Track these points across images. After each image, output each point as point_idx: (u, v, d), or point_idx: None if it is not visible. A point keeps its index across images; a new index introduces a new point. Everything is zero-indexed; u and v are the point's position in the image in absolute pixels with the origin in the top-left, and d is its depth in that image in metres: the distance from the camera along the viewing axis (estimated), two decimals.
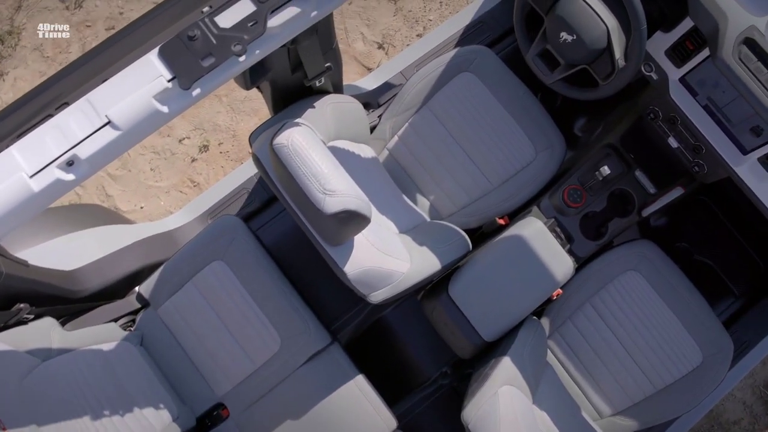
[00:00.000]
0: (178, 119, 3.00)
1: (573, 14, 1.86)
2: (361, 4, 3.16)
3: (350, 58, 3.11)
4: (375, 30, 3.14)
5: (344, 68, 3.11)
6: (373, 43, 3.13)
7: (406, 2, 3.17)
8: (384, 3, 3.17)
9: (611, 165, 2.17)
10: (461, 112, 2.23)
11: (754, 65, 1.74)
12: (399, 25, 3.15)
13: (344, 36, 3.12)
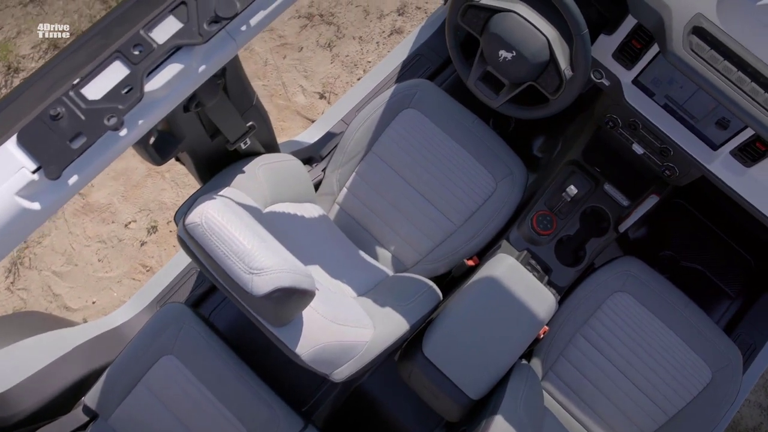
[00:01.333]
0: (120, 202, 2.77)
1: (508, 30, 1.69)
2: (296, 56, 2.99)
3: (292, 113, 2.92)
4: (314, 80, 2.96)
5: (288, 124, 2.93)
6: (314, 94, 2.95)
7: (342, 47, 3.01)
8: (319, 51, 3.00)
9: (577, 183, 1.97)
10: (409, 152, 2.03)
11: (708, 54, 1.58)
12: (338, 72, 2.98)
13: (283, 91, 2.94)
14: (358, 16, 3.06)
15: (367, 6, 3.07)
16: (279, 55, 2.99)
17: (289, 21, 3.03)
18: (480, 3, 1.73)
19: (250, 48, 2.98)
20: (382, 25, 3.05)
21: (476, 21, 1.75)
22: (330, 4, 3.06)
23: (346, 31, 3.03)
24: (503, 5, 1.71)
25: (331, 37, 3.02)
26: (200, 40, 1.04)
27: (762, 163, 1.70)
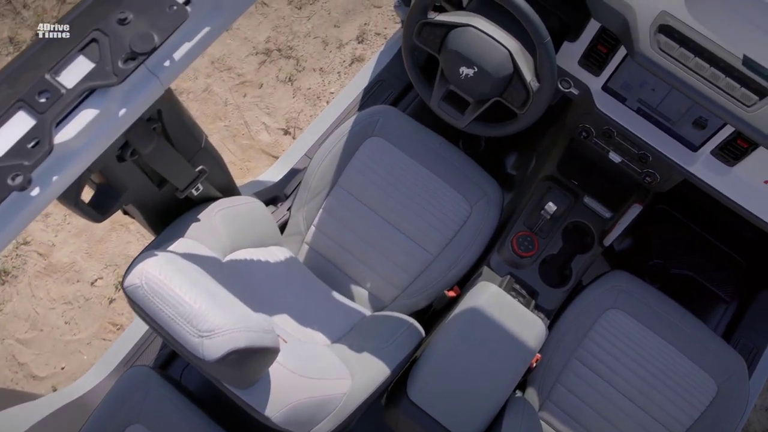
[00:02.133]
0: (85, 260, 2.61)
1: (467, 45, 1.58)
2: (257, 94, 2.87)
3: (257, 151, 2.79)
4: (277, 116, 2.84)
5: (254, 163, 2.80)
6: (278, 131, 2.82)
7: (303, 81, 2.89)
8: (280, 87, 2.88)
9: (556, 199, 1.85)
10: (377, 182, 1.90)
11: (677, 52, 1.47)
12: (301, 106, 2.86)
13: (246, 130, 2.81)
14: (317, 48, 2.95)
15: (326, 37, 2.97)
16: (239, 94, 2.87)
17: (246, 58, 2.92)
18: (435, 20, 1.62)
19: (209, 89, 2.86)
20: (342, 54, 2.94)
21: (433, 39, 1.64)
22: (287, 38, 2.96)
23: (306, 63, 2.92)
24: (459, 20, 1.60)
25: (291, 71, 2.90)
26: (116, 81, 0.91)
27: (745, 161, 1.59)
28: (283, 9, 3.01)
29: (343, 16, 3.01)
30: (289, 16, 3.01)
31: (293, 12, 3.01)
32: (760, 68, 1.45)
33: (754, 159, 1.58)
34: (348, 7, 3.03)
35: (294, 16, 3.01)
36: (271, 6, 3.01)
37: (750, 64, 1.46)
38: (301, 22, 3.00)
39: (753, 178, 1.63)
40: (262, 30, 2.97)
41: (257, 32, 2.96)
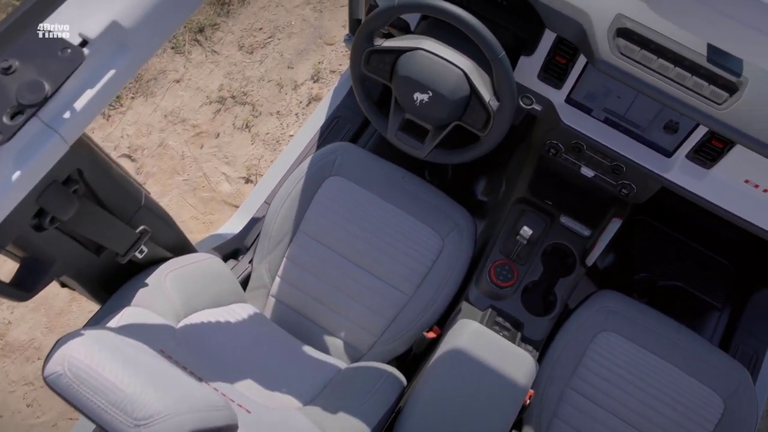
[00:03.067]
0: (45, 335, 2.43)
1: (418, 69, 1.47)
2: (214, 144, 2.73)
3: (219, 203, 2.65)
4: (237, 165, 2.70)
5: (216, 216, 2.65)
6: (239, 180, 2.69)
7: (261, 126, 2.77)
8: (238, 134, 2.75)
9: (531, 222, 1.72)
10: (341, 224, 1.77)
11: (639, 55, 1.37)
12: (261, 152, 2.73)
13: (206, 182, 2.67)
14: (272, 91, 2.84)
15: (280, 79, 2.86)
16: (196, 146, 2.73)
17: (200, 108, 2.79)
18: (382, 46, 1.51)
19: (164, 144, 2.72)
20: (299, 95, 2.83)
21: (382, 67, 1.53)
22: (241, 84, 2.84)
23: (262, 108, 2.80)
24: (408, 44, 1.49)
25: (248, 118, 2.78)
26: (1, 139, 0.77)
27: (722, 162, 1.49)
28: (234, 55, 2.91)
29: (295, 56, 2.91)
30: (240, 61, 2.90)
31: (245, 57, 2.91)
32: (725, 63, 1.35)
33: (731, 158, 1.47)
34: (300, 48, 2.93)
35: (246, 62, 2.90)
36: (221, 53, 2.90)
37: (715, 60, 1.36)
38: (254, 66, 2.89)
39: (733, 179, 1.52)
40: (214, 78, 2.85)
41: (209, 81, 2.85)
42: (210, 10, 2.98)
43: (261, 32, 2.96)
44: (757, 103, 1.34)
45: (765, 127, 1.33)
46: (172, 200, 2.63)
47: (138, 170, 2.67)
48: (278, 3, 3.03)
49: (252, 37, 2.95)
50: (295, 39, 2.95)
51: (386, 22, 1.47)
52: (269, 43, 2.94)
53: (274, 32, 2.96)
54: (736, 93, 1.35)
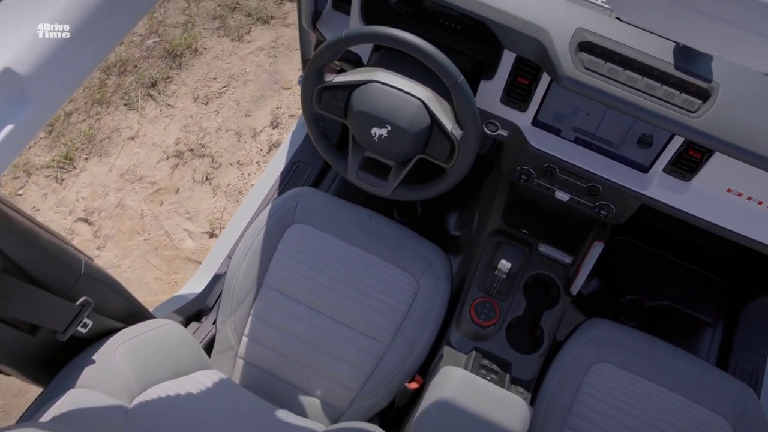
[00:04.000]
0: (3, 419, 2.23)
1: (374, 103, 1.36)
2: (174, 200, 2.59)
3: (183, 261, 2.49)
4: (199, 220, 2.56)
5: (181, 275, 2.49)
6: (202, 236, 2.54)
7: (222, 177, 2.64)
8: (198, 188, 2.62)
9: (508, 255, 1.60)
10: (308, 274, 1.63)
11: (605, 68, 1.28)
12: (223, 205, 2.59)
13: (168, 240, 2.52)
14: (230, 141, 2.72)
15: (238, 128, 2.74)
16: (155, 204, 2.59)
17: (158, 165, 2.66)
18: (333, 82, 1.40)
19: (121, 204, 2.57)
20: (259, 143, 2.71)
21: (335, 104, 1.42)
22: (198, 137, 2.72)
23: (222, 159, 2.68)
24: (361, 77, 1.39)
25: (208, 170, 2.65)
26: None
27: (702, 172, 1.39)
28: (189, 107, 2.79)
29: (252, 104, 2.80)
30: (196, 113, 2.78)
31: (200, 109, 2.79)
32: (694, 69, 1.27)
33: (711, 168, 1.38)
34: (256, 94, 2.82)
35: (202, 113, 2.78)
36: (176, 107, 2.79)
37: (683, 67, 1.28)
38: (210, 117, 2.77)
39: (714, 189, 1.42)
40: (170, 132, 2.73)
41: (165, 136, 2.72)
42: (162, 64, 2.88)
43: (215, 82, 2.86)
44: (731, 107, 1.25)
45: (742, 132, 1.24)
46: (133, 262, 2.48)
47: (95, 233, 2.51)
48: (231, 51, 2.93)
49: (206, 88, 2.84)
50: (251, 86, 2.85)
51: (335, 56, 1.36)
52: (225, 92, 2.84)
53: (229, 81, 2.86)
54: (709, 99, 1.26)
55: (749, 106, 1.25)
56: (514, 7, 1.33)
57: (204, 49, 2.93)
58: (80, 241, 2.49)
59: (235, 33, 2.97)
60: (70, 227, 2.51)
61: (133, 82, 2.82)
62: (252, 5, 3.03)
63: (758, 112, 1.25)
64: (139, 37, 2.94)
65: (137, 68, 2.86)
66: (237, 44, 2.95)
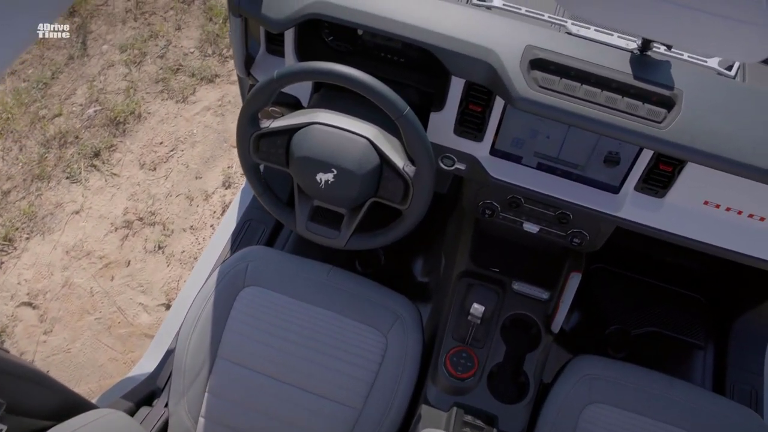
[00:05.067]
0: None
1: (316, 146, 1.23)
2: (126, 273, 2.41)
3: (139, 337, 2.29)
4: (154, 292, 2.37)
5: (138, 353, 2.29)
6: (158, 308, 2.35)
7: (175, 245, 2.47)
8: (151, 258, 2.44)
9: (480, 297, 1.45)
10: (266, 341, 1.46)
11: (561, 85, 1.17)
12: (178, 273, 2.41)
13: (121, 317, 2.32)
14: (182, 206, 2.56)
15: (189, 192, 2.59)
16: (105, 279, 2.40)
17: (106, 237, 2.48)
18: (270, 128, 1.26)
19: (68, 283, 2.37)
20: (211, 205, 2.56)
21: (275, 151, 1.28)
22: (147, 204, 2.55)
23: (174, 225, 2.51)
24: (300, 120, 1.26)
25: (159, 238, 2.48)
26: None
27: (676, 187, 1.28)
28: (135, 175, 2.63)
29: (202, 165, 2.66)
30: (143, 180, 2.62)
31: (148, 175, 2.63)
32: (654, 77, 1.17)
33: (684, 181, 1.26)
34: (206, 155, 2.68)
35: (149, 180, 2.62)
36: (121, 175, 2.62)
37: (643, 77, 1.17)
38: (159, 183, 2.61)
39: (690, 203, 1.31)
40: (117, 202, 2.56)
41: (112, 206, 2.55)
42: (104, 132, 2.72)
43: (162, 146, 2.71)
44: (697, 114, 1.15)
45: (712, 138, 1.13)
46: (84, 344, 2.27)
47: (41, 317, 2.31)
48: (177, 113, 2.80)
49: (153, 153, 2.69)
50: (199, 147, 2.70)
51: (269, 98, 1.23)
52: (172, 156, 2.69)
53: (176, 144, 2.72)
54: (674, 107, 1.15)
55: (715, 111, 1.15)
56: (458, 31, 1.22)
57: (148, 114, 2.79)
58: (25, 327, 2.28)
59: (179, 95, 2.85)
60: (12, 313, 2.30)
61: (74, 153, 2.66)
62: (195, 65, 2.92)
63: (725, 116, 1.15)
64: (79, 107, 2.79)
65: (78, 139, 2.70)
66: (182, 106, 2.82)
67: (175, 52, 2.98)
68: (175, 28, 3.06)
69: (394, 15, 1.24)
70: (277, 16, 1.28)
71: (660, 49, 1.23)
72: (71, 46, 2.98)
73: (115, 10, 3.10)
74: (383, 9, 1.25)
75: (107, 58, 2.94)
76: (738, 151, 1.13)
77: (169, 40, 3.01)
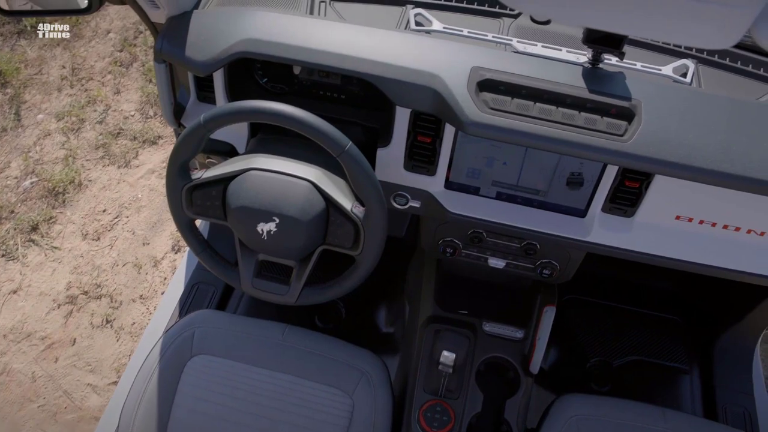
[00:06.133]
0: None
1: (254, 194, 1.10)
2: (71, 353, 2.21)
3: (90, 421, 2.08)
4: (103, 370, 2.17)
5: None
6: (109, 388, 2.14)
7: (124, 317, 2.28)
8: (98, 334, 2.25)
9: (450, 344, 1.32)
10: (219, 415, 1.30)
11: (513, 105, 1.08)
12: (129, 347, 2.22)
13: (68, 401, 2.11)
14: (130, 275, 2.38)
15: (136, 259, 2.42)
16: (48, 362, 2.19)
17: (48, 316, 2.28)
18: (202, 178, 1.14)
19: (6, 370, 2.16)
20: (161, 272, 2.39)
21: (210, 204, 1.15)
22: (92, 277, 2.37)
23: (122, 297, 2.33)
24: (234, 167, 1.13)
25: (107, 312, 2.29)
26: None
27: (645, 204, 1.19)
28: (78, 246, 2.45)
29: (149, 230, 2.50)
30: (87, 251, 2.44)
31: (91, 246, 2.46)
32: (610, 89, 1.08)
33: (653, 197, 1.17)
34: (152, 220, 2.52)
35: (93, 250, 2.45)
36: (63, 248, 2.44)
37: (598, 90, 1.09)
38: (104, 253, 2.44)
39: (661, 220, 1.22)
40: (59, 277, 2.37)
41: (53, 282, 2.36)
42: (43, 204, 2.55)
43: (105, 214, 2.55)
44: (660, 123, 1.07)
45: (678, 148, 1.05)
46: None
47: None
48: (120, 179, 2.65)
49: (96, 222, 2.52)
50: (145, 212, 2.55)
51: (197, 146, 1.11)
52: (117, 223, 2.52)
53: (121, 211, 2.56)
54: (635, 118, 1.07)
55: (677, 119, 1.07)
56: (397, 58, 1.13)
57: (89, 182, 2.63)
58: None
59: (121, 159, 2.70)
60: None
61: (10, 229, 2.48)
62: (136, 128, 2.78)
63: (687, 124, 1.07)
64: (14, 180, 2.62)
65: (14, 213, 2.52)
66: (125, 171, 2.67)
67: (115, 117, 2.85)
68: (113, 92, 2.93)
69: (329, 47, 1.14)
70: (203, 58, 1.17)
71: (612, 61, 1.15)
72: (4, 118, 2.82)
73: (50, 78, 2.96)
74: (317, 41, 1.15)
75: (43, 127, 2.79)
76: (705, 158, 1.05)
77: (108, 105, 2.88)
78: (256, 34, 1.16)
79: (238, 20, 1.19)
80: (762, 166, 1.05)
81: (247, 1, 1.30)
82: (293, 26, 1.17)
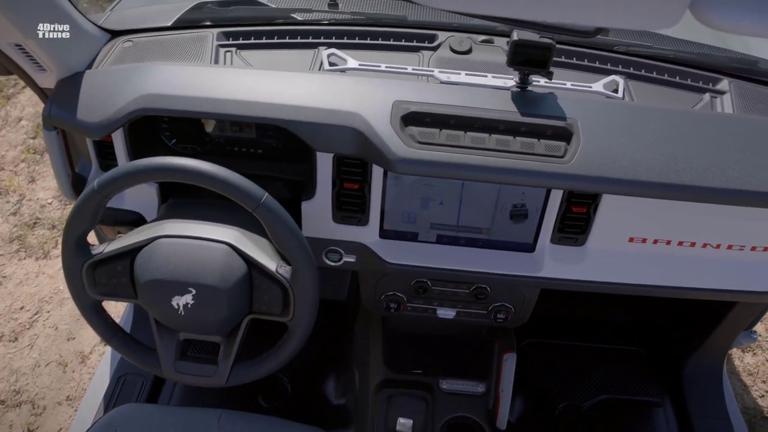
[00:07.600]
0: None
1: (165, 264, 0.96)
2: None
3: None
4: None
5: None
6: None
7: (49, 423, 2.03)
8: None
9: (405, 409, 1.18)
10: None
11: (443, 136, 0.99)
12: None
13: None
14: (54, 375, 2.15)
15: (61, 357, 2.19)
16: None
17: None
18: (104, 253, 0.99)
19: None
20: (90, 367, 2.17)
21: (116, 281, 1.00)
22: (9, 383, 2.12)
23: (46, 401, 2.09)
24: (141, 237, 0.99)
25: (29, 420, 2.04)
26: None
27: (595, 229, 1.11)
28: None
29: (74, 324, 2.28)
30: (3, 355, 2.20)
31: (8, 348, 2.21)
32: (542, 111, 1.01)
33: (602, 221, 1.09)
34: (77, 312, 2.29)
35: (11, 353, 2.20)
36: None
37: (529, 112, 1.01)
38: (23, 354, 2.20)
39: (614, 244, 1.13)
40: None
41: None
42: None
43: (23, 311, 2.31)
44: (599, 140, 0.99)
45: (621, 163, 0.98)
46: None
47: None
48: (38, 272, 2.43)
49: (13, 321, 2.29)
50: (68, 305, 2.33)
51: (95, 217, 0.96)
52: (37, 320, 2.29)
53: (41, 306, 2.33)
54: (573, 138, 0.99)
55: (616, 135, 1.01)
56: (312, 99, 1.03)
57: (3, 278, 2.40)
58: None
59: (39, 251, 2.49)
60: None
61: None
62: (55, 216, 2.59)
63: (627, 138, 1.01)
64: None
65: None
66: (44, 262, 2.46)
67: (31, 206, 2.65)
68: (28, 180, 2.74)
69: (236, 95, 1.03)
70: (97, 120, 1.04)
71: (540, 82, 1.08)
72: None
73: None
74: (223, 91, 1.04)
75: None
76: (650, 171, 0.97)
77: (23, 194, 2.68)
78: (155, 88, 1.04)
79: (135, 76, 1.07)
80: (708, 174, 0.98)
81: (146, 57, 1.18)
82: (196, 77, 1.06)
